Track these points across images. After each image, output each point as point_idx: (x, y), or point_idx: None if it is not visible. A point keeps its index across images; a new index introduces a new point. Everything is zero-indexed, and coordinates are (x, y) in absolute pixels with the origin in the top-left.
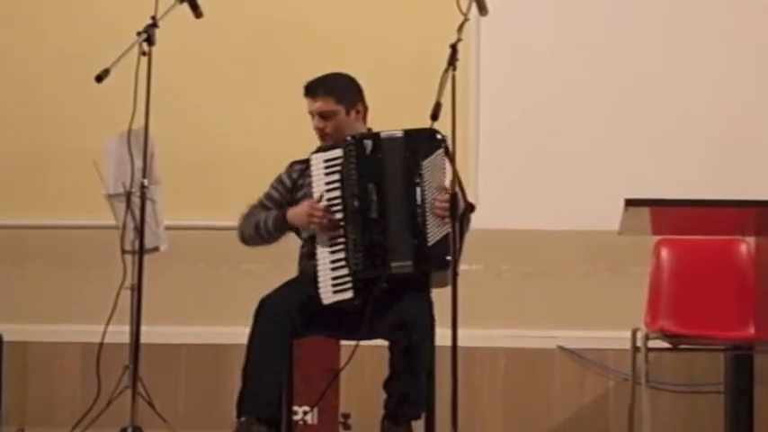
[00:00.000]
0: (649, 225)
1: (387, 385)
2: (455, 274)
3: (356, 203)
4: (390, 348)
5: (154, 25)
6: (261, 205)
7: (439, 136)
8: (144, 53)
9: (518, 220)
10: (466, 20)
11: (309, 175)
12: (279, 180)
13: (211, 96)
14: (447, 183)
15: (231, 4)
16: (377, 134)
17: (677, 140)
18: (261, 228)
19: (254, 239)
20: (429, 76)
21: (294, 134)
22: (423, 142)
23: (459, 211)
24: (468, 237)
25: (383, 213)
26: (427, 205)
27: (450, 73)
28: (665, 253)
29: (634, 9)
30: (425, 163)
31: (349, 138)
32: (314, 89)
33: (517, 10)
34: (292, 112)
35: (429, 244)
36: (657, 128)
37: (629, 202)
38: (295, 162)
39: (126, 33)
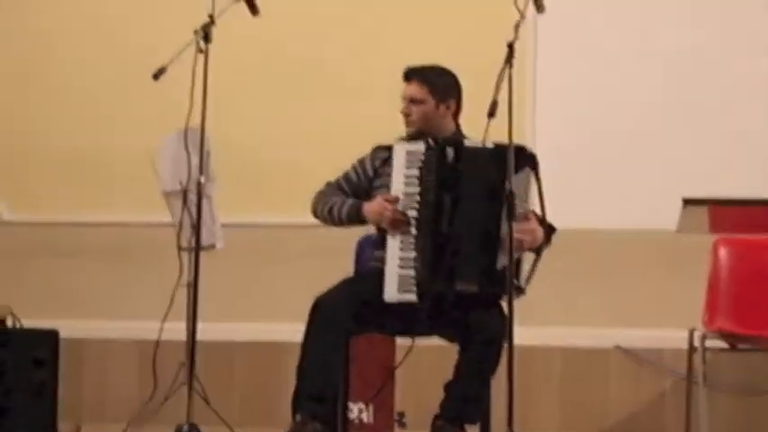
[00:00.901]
0: (708, 224)
1: (450, 386)
2: (520, 291)
3: (430, 213)
4: (460, 351)
5: (211, 23)
6: (338, 186)
7: (528, 153)
8: (201, 51)
9: (575, 219)
10: (522, 18)
11: (390, 165)
12: (361, 164)
13: (267, 95)
14: (530, 204)
15: (288, 2)
16: (460, 142)
17: (736, 139)
18: (334, 213)
19: (326, 221)
20: (487, 73)
21: (353, 134)
22: (510, 158)
23: (541, 240)
24: None
25: (454, 228)
26: (505, 228)
27: (507, 71)
28: (723, 252)
29: (693, 10)
30: (512, 181)
31: (431, 141)
32: (411, 74)
33: (575, 8)
34: (347, 115)
35: (499, 267)
36: (716, 126)
37: (688, 201)
38: (379, 147)
39: (184, 31)
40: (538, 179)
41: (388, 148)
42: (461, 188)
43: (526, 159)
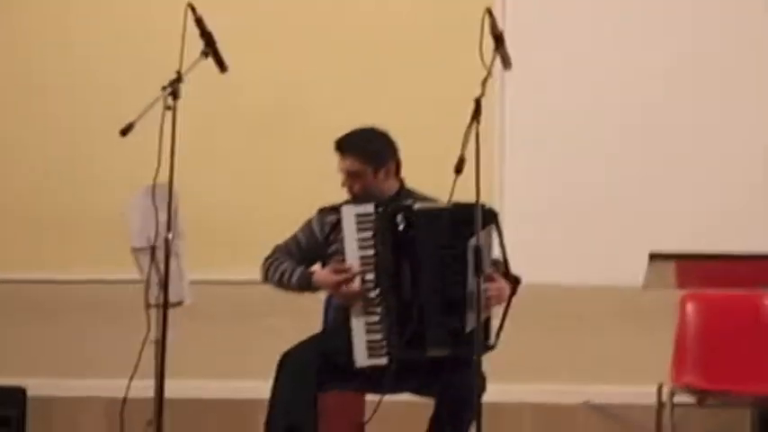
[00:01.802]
0: (674, 279)
1: None
2: (490, 348)
3: (390, 281)
4: (437, 404)
5: (178, 80)
6: (287, 250)
7: (487, 209)
8: (168, 107)
9: (543, 275)
10: (489, 75)
11: (341, 229)
12: (309, 228)
13: (236, 150)
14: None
15: (255, 59)
16: (409, 208)
17: (703, 193)
18: (284, 280)
19: (276, 286)
20: (453, 129)
21: (319, 189)
22: (469, 218)
23: (507, 295)
24: None
25: (417, 293)
26: (471, 289)
27: (475, 127)
28: (690, 307)
29: (664, 61)
30: (474, 240)
31: (380, 209)
32: (343, 147)
33: (541, 64)
34: (317, 168)
35: (468, 330)
36: (682, 181)
37: (654, 256)
38: (324, 209)
39: (151, 87)
40: (499, 232)
41: (334, 209)
42: (418, 252)
43: (485, 216)
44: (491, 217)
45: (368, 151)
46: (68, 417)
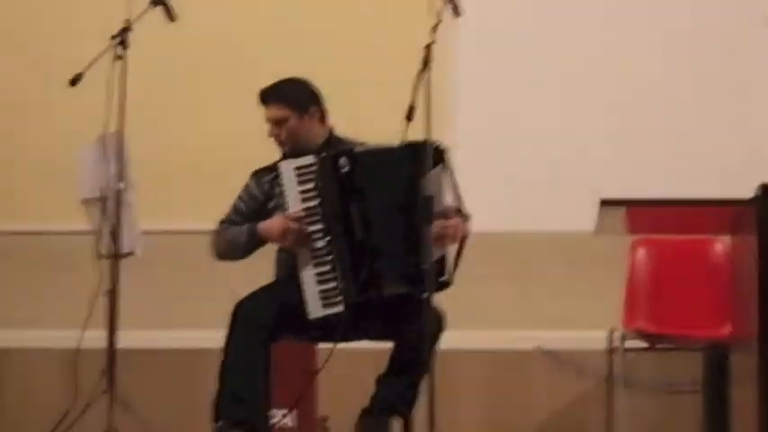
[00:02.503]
0: (625, 225)
1: (384, 378)
2: (447, 285)
3: (339, 225)
4: (397, 345)
5: (127, 29)
6: (230, 222)
7: (437, 147)
8: (118, 57)
9: (494, 222)
10: (439, 21)
11: (280, 185)
12: (247, 192)
13: (186, 100)
14: (447, 198)
15: (204, 8)
16: (350, 150)
17: (653, 139)
18: (234, 244)
19: (228, 256)
20: (404, 78)
21: (268, 140)
22: (421, 156)
23: (463, 233)
24: None
25: (371, 234)
26: (425, 227)
27: (425, 75)
28: (640, 253)
29: (611, 9)
30: (425, 179)
31: (324, 153)
32: (266, 96)
33: (494, 10)
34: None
35: (424, 266)
36: (632, 126)
37: (604, 202)
38: (259, 170)
39: (100, 37)
40: (450, 169)
41: (270, 169)
42: (365, 194)
43: (436, 154)
44: (440, 153)
45: (289, 96)
46: (21, 368)
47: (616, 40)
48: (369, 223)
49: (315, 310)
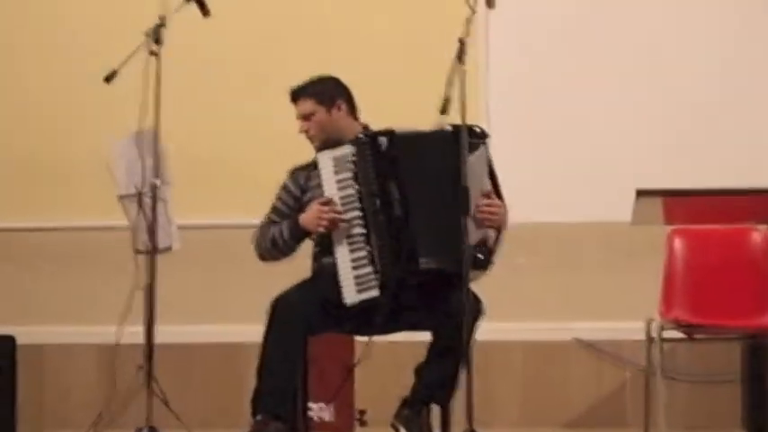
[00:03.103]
0: (662, 215)
1: (423, 368)
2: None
3: (377, 202)
4: (435, 334)
5: (161, 25)
6: (269, 221)
7: (478, 131)
8: (152, 53)
9: (531, 213)
10: (473, 13)
11: (317, 176)
12: (285, 189)
13: (221, 95)
14: (487, 182)
15: (238, 3)
16: (391, 131)
17: (690, 129)
18: (278, 241)
19: (273, 255)
20: (438, 71)
21: (302, 137)
22: (460, 138)
23: (504, 219)
24: None
25: (407, 210)
26: (470, 207)
27: (459, 67)
28: (678, 243)
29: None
30: (468, 160)
31: (361, 135)
32: (294, 95)
33: (526, 2)
34: None
35: (465, 245)
36: (669, 117)
37: (641, 193)
38: (296, 168)
39: (134, 33)
40: (490, 159)
41: (306, 167)
42: (405, 172)
43: (478, 137)
44: (481, 137)
45: (315, 91)
46: (59, 364)
47: (653, 31)
48: (407, 200)
49: (350, 295)
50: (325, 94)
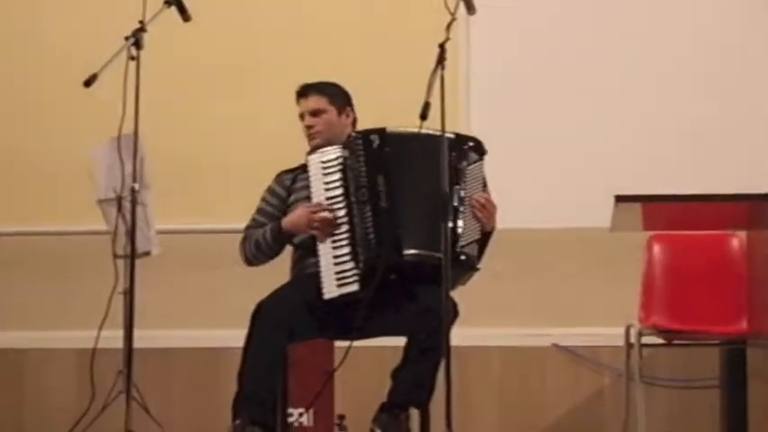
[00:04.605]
0: (641, 221)
1: (399, 370)
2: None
3: (366, 193)
4: (411, 336)
5: (142, 29)
6: (255, 224)
7: (481, 144)
8: (132, 57)
9: (510, 219)
10: (453, 19)
11: (304, 179)
12: (271, 192)
13: (201, 100)
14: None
15: (219, 7)
16: (383, 129)
17: (669, 135)
18: (262, 244)
19: (258, 258)
20: (418, 76)
21: (285, 137)
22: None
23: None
24: None
25: (394, 204)
26: (463, 202)
27: (439, 72)
28: (657, 249)
29: (624, 7)
30: (468, 171)
31: (353, 133)
32: (306, 89)
33: (508, 7)
34: (282, 116)
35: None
36: (646, 123)
37: (620, 198)
38: (283, 171)
39: (114, 38)
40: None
41: (292, 170)
42: (394, 169)
43: (477, 153)
44: (480, 152)
45: (330, 91)
46: (38, 368)
47: (633, 40)
48: (394, 194)
49: (330, 290)
50: (338, 96)
